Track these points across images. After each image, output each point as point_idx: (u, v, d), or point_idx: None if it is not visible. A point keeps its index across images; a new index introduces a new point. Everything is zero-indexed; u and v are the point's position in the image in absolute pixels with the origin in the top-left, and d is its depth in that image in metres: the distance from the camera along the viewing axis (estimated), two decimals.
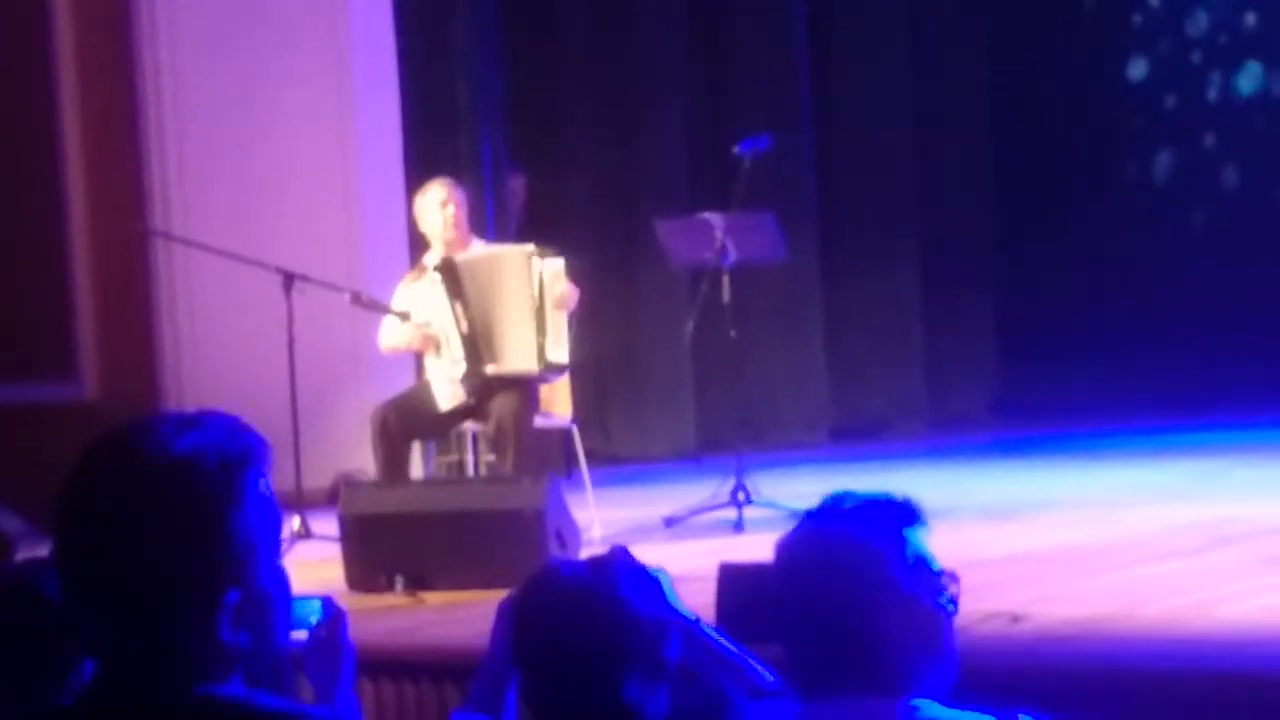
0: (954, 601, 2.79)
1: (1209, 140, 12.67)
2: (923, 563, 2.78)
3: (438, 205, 8.27)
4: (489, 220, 10.58)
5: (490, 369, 8.02)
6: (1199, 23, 12.66)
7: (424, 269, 8.33)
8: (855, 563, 2.73)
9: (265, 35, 10.36)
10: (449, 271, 8.11)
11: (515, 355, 8.00)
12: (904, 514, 2.80)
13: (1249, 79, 12.55)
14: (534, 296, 7.99)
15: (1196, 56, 12.73)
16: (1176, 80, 12.77)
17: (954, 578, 2.81)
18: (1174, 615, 5.53)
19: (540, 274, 8.01)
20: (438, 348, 8.11)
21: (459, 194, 8.36)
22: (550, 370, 8.04)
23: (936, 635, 2.78)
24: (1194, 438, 10.71)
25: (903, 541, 2.78)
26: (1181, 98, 12.76)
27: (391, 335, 8.32)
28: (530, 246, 8.19)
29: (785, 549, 2.80)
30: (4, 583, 3.13)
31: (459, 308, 8.07)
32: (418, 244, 8.92)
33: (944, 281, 12.33)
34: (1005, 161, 12.73)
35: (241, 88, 10.36)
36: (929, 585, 2.78)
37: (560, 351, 8.03)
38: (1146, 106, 12.86)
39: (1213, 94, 12.66)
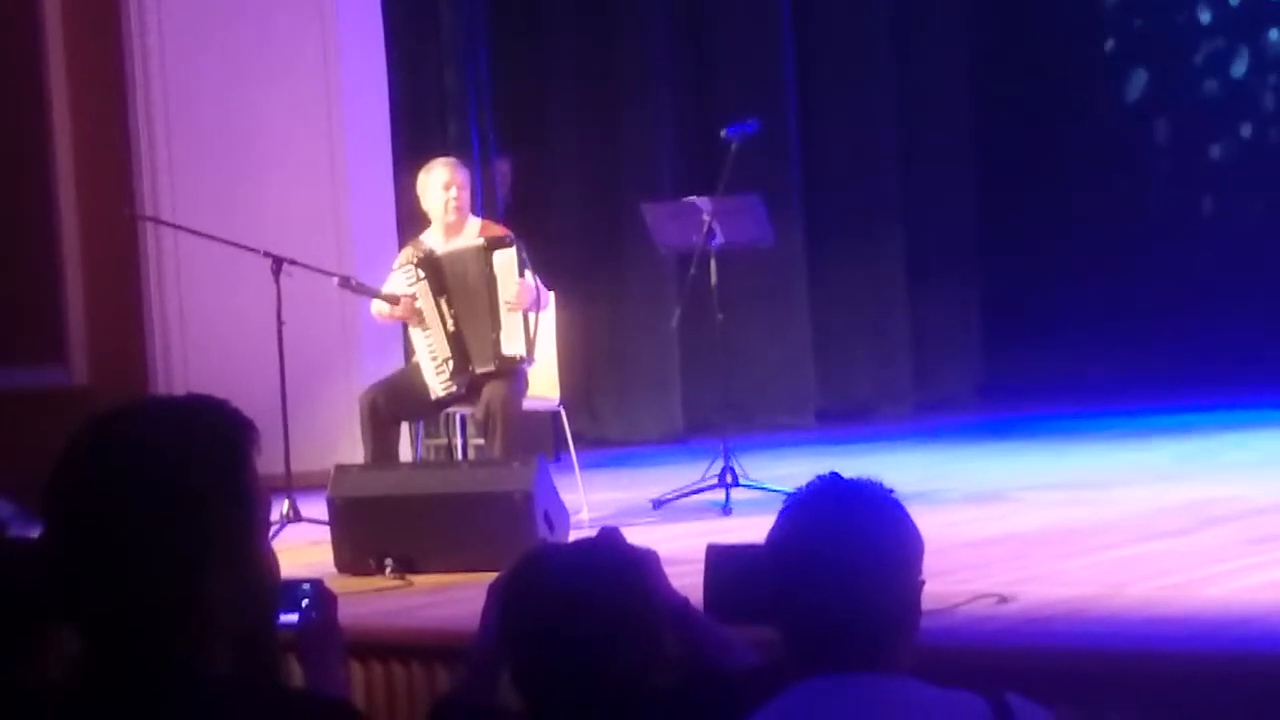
0: None
1: (1198, 116, 12.68)
2: (914, 541, 2.81)
3: (440, 187, 8.27)
4: (477, 204, 10.59)
5: (480, 368, 8.02)
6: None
7: (420, 245, 8.33)
8: (853, 547, 2.75)
9: (253, 20, 10.36)
10: (432, 267, 8.11)
11: (491, 353, 8.00)
12: (890, 496, 2.82)
13: (1239, 63, 12.57)
14: (490, 291, 8.00)
15: (1183, 36, 12.75)
16: (1167, 58, 12.79)
17: None
18: (1160, 595, 5.55)
19: (491, 265, 8.01)
20: (422, 321, 8.11)
21: (462, 176, 8.36)
22: (510, 364, 8.00)
23: (920, 610, 2.81)
24: (1181, 419, 10.74)
25: (895, 522, 2.80)
26: (1172, 70, 12.77)
27: (379, 304, 8.31)
28: (482, 241, 8.17)
29: (779, 533, 2.81)
30: None
31: (444, 304, 8.08)
32: (413, 222, 8.91)
33: (929, 264, 12.35)
34: (990, 145, 12.74)
35: (230, 73, 10.36)
36: (919, 562, 2.81)
37: (515, 344, 8.01)
38: (1134, 83, 12.87)
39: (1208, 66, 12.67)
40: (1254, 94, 12.52)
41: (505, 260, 8.04)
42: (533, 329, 8.08)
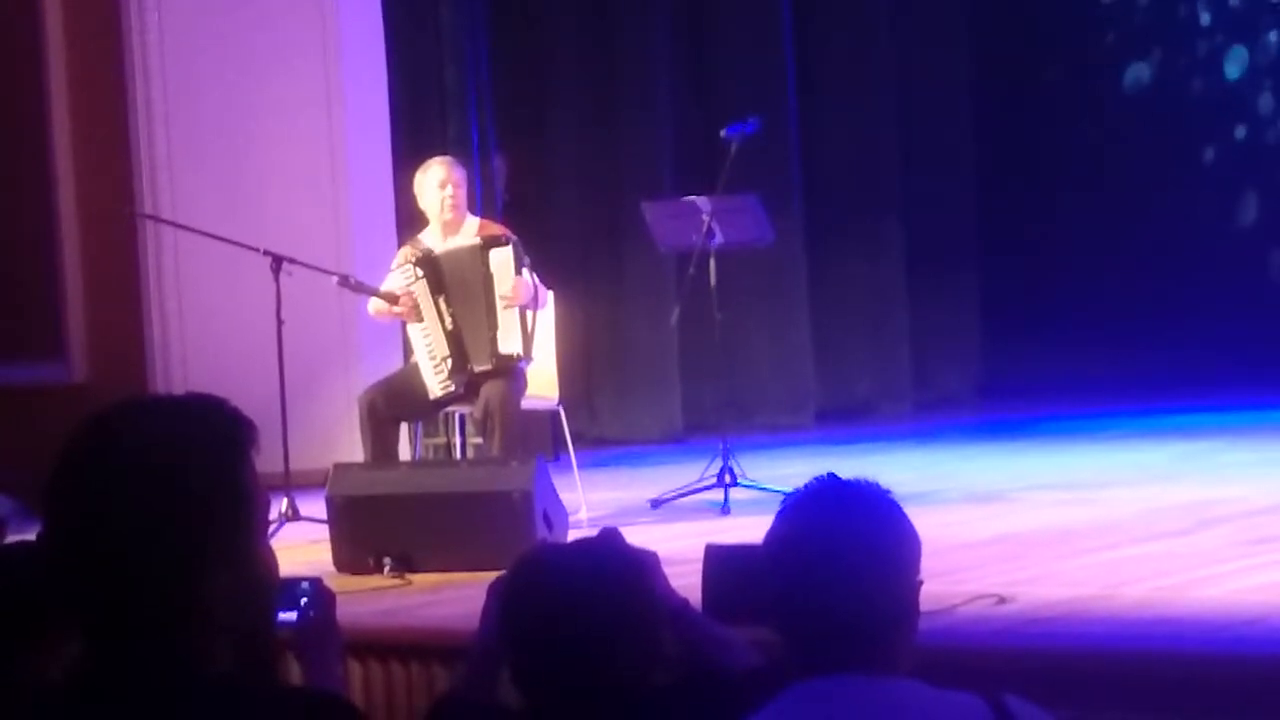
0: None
1: (1198, 115, 12.68)
2: (912, 541, 2.81)
3: (437, 185, 8.27)
4: (477, 202, 10.59)
5: (478, 367, 8.02)
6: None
7: (418, 244, 8.33)
8: (850, 547, 2.74)
9: (253, 18, 10.35)
10: (430, 266, 8.11)
11: (488, 351, 8.01)
12: (888, 496, 2.82)
13: (1236, 64, 12.57)
14: (487, 290, 8.01)
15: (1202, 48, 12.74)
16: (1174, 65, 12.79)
17: None
18: (1159, 596, 5.55)
19: (488, 264, 8.03)
20: (420, 317, 8.11)
21: (459, 174, 8.36)
22: (508, 362, 8.01)
23: (919, 611, 2.81)
24: (1180, 420, 10.74)
25: (892, 522, 2.80)
26: (1173, 67, 12.77)
27: (376, 302, 8.31)
28: (479, 239, 8.17)
29: (776, 534, 2.82)
30: None
31: (442, 303, 8.08)
32: (412, 221, 8.92)
33: (929, 264, 12.35)
34: (991, 145, 12.74)
35: (230, 71, 10.36)
36: (917, 562, 2.81)
37: (512, 342, 8.01)
38: (1139, 98, 12.88)
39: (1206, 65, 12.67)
40: (1253, 93, 12.52)
41: (502, 259, 8.05)
42: (530, 327, 8.09)
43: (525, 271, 8.07)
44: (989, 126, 12.71)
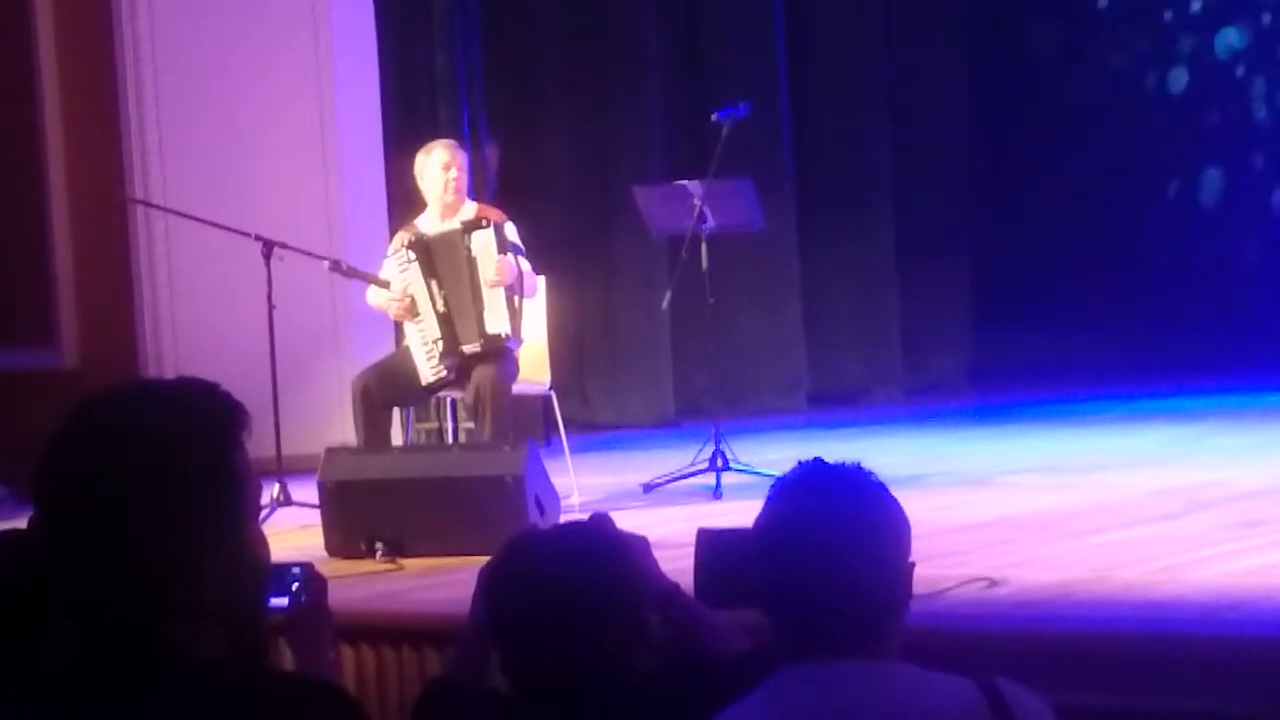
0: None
1: (1186, 103, 12.69)
2: (899, 524, 2.81)
3: (440, 168, 8.28)
4: (469, 187, 10.58)
5: (467, 348, 8.03)
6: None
7: (413, 229, 8.34)
8: (838, 531, 2.75)
9: (244, 4, 10.34)
10: (423, 250, 8.13)
11: (476, 331, 8.02)
12: (874, 479, 2.82)
13: (1225, 45, 12.58)
14: (471, 271, 8.02)
15: (1186, 41, 12.74)
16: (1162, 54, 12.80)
17: None
18: (1149, 580, 5.57)
19: (469, 247, 8.03)
20: (416, 315, 8.12)
21: (461, 158, 8.38)
22: (496, 342, 8.01)
23: (910, 594, 2.81)
24: (1171, 404, 10.76)
25: (879, 505, 2.80)
26: (1165, 56, 12.78)
27: (375, 296, 8.33)
28: (458, 224, 8.18)
29: (765, 520, 2.82)
30: None
31: (434, 286, 8.10)
32: (404, 206, 8.92)
33: (920, 249, 12.35)
34: (982, 132, 12.74)
35: (220, 56, 10.34)
36: (906, 546, 2.81)
37: (499, 322, 8.02)
38: (1129, 88, 12.88)
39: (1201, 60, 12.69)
40: (1242, 77, 12.52)
41: (483, 240, 8.07)
42: (517, 307, 8.11)
43: (512, 256, 8.08)
44: (980, 114, 12.71)
